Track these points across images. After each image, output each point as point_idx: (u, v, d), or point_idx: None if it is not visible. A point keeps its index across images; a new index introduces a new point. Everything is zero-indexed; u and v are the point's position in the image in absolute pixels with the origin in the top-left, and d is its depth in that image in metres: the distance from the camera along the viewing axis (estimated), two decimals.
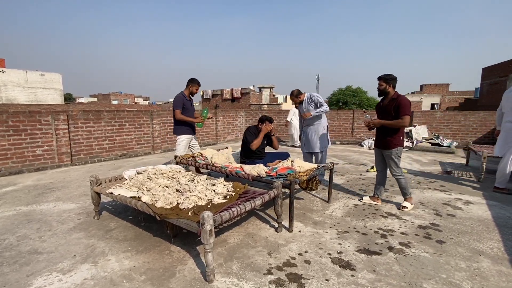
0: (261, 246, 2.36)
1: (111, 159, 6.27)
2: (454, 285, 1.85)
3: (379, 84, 3.16)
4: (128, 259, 2.17)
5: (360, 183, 4.31)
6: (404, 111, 2.98)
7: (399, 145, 3.12)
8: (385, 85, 3.13)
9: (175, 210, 2.20)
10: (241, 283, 1.88)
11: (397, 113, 3.03)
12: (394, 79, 3.12)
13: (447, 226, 2.77)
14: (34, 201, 3.49)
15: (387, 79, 3.11)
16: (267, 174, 2.94)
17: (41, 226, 2.78)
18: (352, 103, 25.89)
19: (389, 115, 3.11)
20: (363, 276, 1.95)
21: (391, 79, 3.12)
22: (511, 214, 3.05)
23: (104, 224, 2.81)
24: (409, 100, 3.06)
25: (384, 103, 3.20)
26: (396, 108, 3.03)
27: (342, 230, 2.68)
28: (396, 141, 3.11)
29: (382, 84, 3.14)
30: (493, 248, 2.34)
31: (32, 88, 25.92)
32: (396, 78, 3.13)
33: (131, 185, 2.77)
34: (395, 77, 3.13)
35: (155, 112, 7.25)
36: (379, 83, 3.17)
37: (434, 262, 2.13)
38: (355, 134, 9.06)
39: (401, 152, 3.17)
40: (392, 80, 3.12)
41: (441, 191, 3.87)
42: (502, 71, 17.77)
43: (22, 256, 2.22)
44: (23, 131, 5.02)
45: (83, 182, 4.36)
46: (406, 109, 2.99)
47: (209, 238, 1.80)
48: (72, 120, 5.64)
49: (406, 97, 3.08)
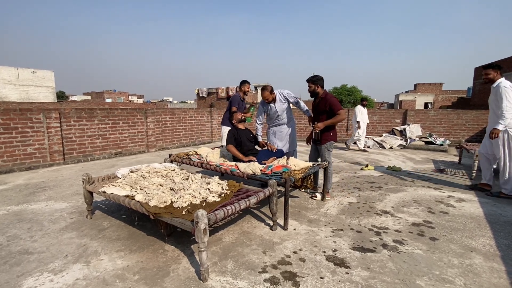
0: (256, 245, 2.36)
1: (104, 157, 6.20)
2: (447, 281, 1.87)
3: (309, 86, 3.39)
4: (121, 258, 2.14)
5: (355, 181, 4.33)
6: (337, 107, 3.23)
7: (330, 140, 3.38)
8: (314, 86, 3.34)
9: (169, 209, 2.17)
10: (235, 281, 1.87)
11: (331, 110, 3.27)
12: (321, 79, 3.35)
13: (440, 223, 2.80)
14: (25, 201, 3.43)
15: (314, 80, 3.34)
16: (262, 172, 2.93)
17: (32, 225, 2.73)
18: (347, 102, 26.03)
19: (324, 113, 3.35)
20: (357, 274, 1.95)
21: (318, 79, 3.34)
22: (503, 211, 3.10)
23: (97, 224, 2.78)
24: (335, 97, 3.36)
25: (316, 103, 3.44)
26: (329, 106, 3.27)
27: (336, 228, 2.68)
28: (328, 137, 3.37)
29: (311, 86, 3.37)
30: (485, 244, 2.37)
31: (24, 86, 25.47)
32: (322, 78, 3.37)
33: (124, 183, 2.73)
34: (321, 77, 3.36)
35: (149, 110, 7.18)
36: (308, 85, 3.38)
37: (427, 259, 2.15)
38: (350, 133, 9.11)
39: (332, 146, 3.44)
40: (319, 80, 3.34)
41: (434, 189, 3.92)
42: None
43: (12, 256, 2.17)
44: (13, 129, 4.92)
45: (75, 181, 4.30)
46: (337, 105, 3.25)
47: (203, 237, 1.78)
48: (65, 118, 5.56)
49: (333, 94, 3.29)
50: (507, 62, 16.93)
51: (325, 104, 3.30)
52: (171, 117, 7.72)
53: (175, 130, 7.83)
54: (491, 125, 3.56)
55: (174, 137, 7.82)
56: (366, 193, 3.75)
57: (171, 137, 7.74)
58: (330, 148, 3.42)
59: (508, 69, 16.32)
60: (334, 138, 3.41)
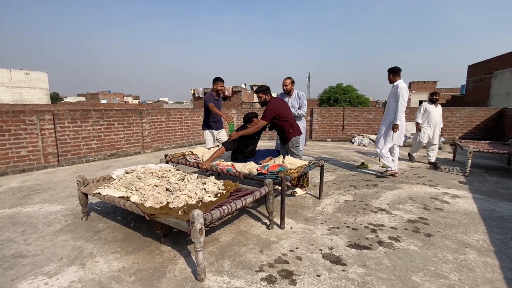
0: (253, 244, 2.36)
1: (99, 159, 6.15)
2: (442, 277, 1.89)
3: (259, 97, 3.60)
4: (117, 260, 2.13)
5: (351, 179, 4.36)
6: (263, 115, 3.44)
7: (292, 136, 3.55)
8: (264, 96, 3.55)
9: (165, 210, 2.16)
10: (232, 281, 1.86)
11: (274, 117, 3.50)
12: (268, 89, 3.63)
13: (435, 219, 2.82)
14: (19, 203, 3.39)
15: (264, 90, 3.59)
16: (258, 171, 2.93)
17: (26, 228, 2.69)
18: (343, 101, 26.13)
19: None
20: (353, 271, 1.96)
21: (266, 89, 3.61)
22: (496, 207, 3.14)
23: (92, 225, 2.75)
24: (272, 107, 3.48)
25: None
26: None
27: (333, 226, 2.70)
28: (290, 136, 3.54)
29: (262, 96, 3.57)
30: (479, 240, 2.40)
31: (17, 88, 25.15)
32: (269, 88, 3.65)
33: (120, 185, 2.71)
34: (268, 87, 3.62)
35: (144, 111, 7.14)
36: (258, 95, 3.61)
37: (423, 255, 2.17)
38: (346, 131, 9.15)
39: (297, 142, 3.60)
40: (267, 90, 3.62)
41: (429, 186, 3.95)
42: (487, 68, 18.27)
43: (6, 260, 2.15)
44: (6, 131, 4.85)
45: (70, 183, 4.26)
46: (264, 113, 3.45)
47: (200, 237, 1.78)
48: (58, 119, 5.50)
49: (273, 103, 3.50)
50: (499, 60, 17.15)
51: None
52: (167, 118, 7.68)
53: (171, 131, 7.79)
54: (387, 117, 4.41)
55: (170, 137, 7.79)
56: (362, 190, 3.77)
57: (167, 138, 7.70)
58: (296, 144, 3.59)
59: (501, 67, 16.53)
60: (294, 134, 3.57)
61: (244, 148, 3.55)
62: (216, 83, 4.37)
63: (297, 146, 3.59)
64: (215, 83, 4.38)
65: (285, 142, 3.60)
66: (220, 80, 4.38)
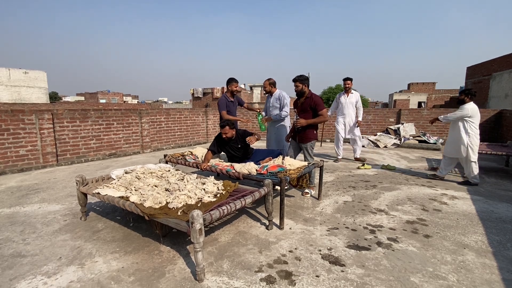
0: (252, 244, 2.36)
1: (98, 159, 6.14)
2: (440, 278, 1.90)
3: (296, 85, 3.42)
4: (116, 260, 2.13)
5: (350, 180, 4.36)
6: (321, 107, 3.35)
7: (313, 139, 3.50)
8: (301, 86, 3.39)
9: (164, 210, 2.16)
10: (231, 281, 1.87)
11: (314, 110, 3.37)
12: (307, 79, 3.43)
13: (433, 220, 2.83)
14: (17, 203, 3.38)
15: (302, 80, 3.39)
16: (257, 172, 2.93)
17: (25, 228, 2.69)
18: None
19: (307, 112, 3.43)
20: (352, 272, 1.97)
21: (305, 79, 3.41)
22: (494, 208, 3.15)
23: (91, 225, 2.75)
24: (320, 98, 3.44)
25: (301, 101, 3.51)
26: (314, 106, 3.36)
27: (332, 226, 2.70)
28: (312, 135, 3.47)
29: (299, 85, 3.40)
30: (477, 241, 2.41)
31: (16, 87, 25.07)
32: (308, 78, 3.45)
33: (119, 185, 2.71)
34: (307, 77, 3.44)
35: (143, 111, 7.13)
36: (295, 84, 3.42)
37: (421, 256, 2.18)
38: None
39: (315, 144, 3.56)
40: (306, 80, 3.41)
41: (427, 187, 3.96)
42: (486, 70, 18.33)
43: (5, 259, 2.14)
44: (5, 130, 4.84)
45: (69, 182, 4.25)
46: (321, 105, 3.36)
47: (199, 237, 1.78)
48: (57, 119, 5.49)
49: (318, 95, 3.41)
50: (497, 62, 17.21)
51: (310, 103, 3.39)
52: (166, 118, 7.67)
53: (170, 131, 7.79)
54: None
55: (169, 137, 7.78)
56: (361, 191, 3.77)
57: (166, 138, 7.70)
58: (313, 146, 3.55)
59: (499, 69, 16.58)
60: (316, 136, 3.55)
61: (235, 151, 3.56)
62: (231, 84, 4.29)
63: (314, 148, 3.58)
64: (230, 84, 4.30)
65: (306, 141, 3.47)
66: (234, 81, 4.30)
